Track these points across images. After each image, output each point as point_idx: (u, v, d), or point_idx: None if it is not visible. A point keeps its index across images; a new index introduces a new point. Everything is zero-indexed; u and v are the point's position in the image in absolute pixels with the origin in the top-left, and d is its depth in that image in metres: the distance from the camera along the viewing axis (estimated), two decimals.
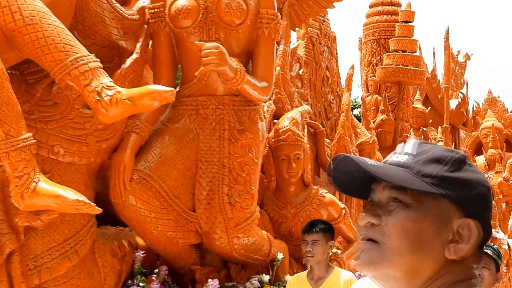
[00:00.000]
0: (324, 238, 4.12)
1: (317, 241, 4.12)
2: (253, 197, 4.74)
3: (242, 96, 4.73)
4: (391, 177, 1.19)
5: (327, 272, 4.01)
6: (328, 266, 4.16)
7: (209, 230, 4.65)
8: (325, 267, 4.08)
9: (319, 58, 8.54)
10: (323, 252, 4.10)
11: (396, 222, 1.21)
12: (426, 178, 1.20)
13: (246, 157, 4.70)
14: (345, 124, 6.75)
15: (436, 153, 1.23)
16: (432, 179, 1.20)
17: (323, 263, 4.08)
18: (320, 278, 4.03)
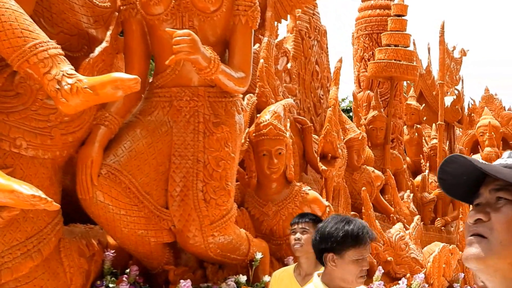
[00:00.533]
0: (314, 228, 3.88)
1: (306, 230, 3.95)
2: (229, 194, 4.51)
3: (217, 87, 4.50)
4: (504, 175, 1.28)
5: (315, 268, 3.76)
6: (317, 262, 3.90)
7: (182, 228, 4.41)
8: (313, 262, 3.83)
9: (309, 52, 8.30)
10: (310, 243, 3.87)
11: (502, 217, 1.30)
12: None
13: (222, 151, 4.46)
14: (332, 119, 6.51)
15: None
16: None
17: (312, 259, 3.82)
18: (308, 274, 3.79)
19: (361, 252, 2.83)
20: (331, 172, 6.46)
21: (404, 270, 7.12)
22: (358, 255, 2.83)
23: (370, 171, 7.55)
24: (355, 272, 2.82)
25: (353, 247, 2.83)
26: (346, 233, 2.85)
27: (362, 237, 2.82)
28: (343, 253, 2.83)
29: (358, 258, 2.83)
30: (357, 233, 2.84)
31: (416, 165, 10.92)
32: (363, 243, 2.83)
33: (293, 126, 7.17)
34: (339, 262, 2.83)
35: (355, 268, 2.82)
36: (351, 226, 2.86)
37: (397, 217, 7.76)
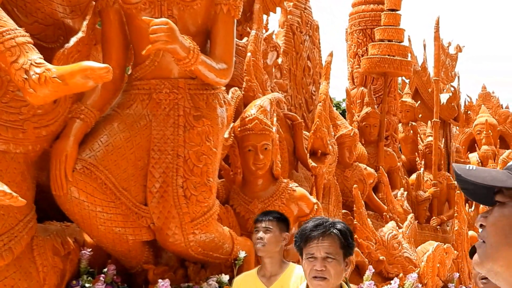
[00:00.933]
0: (277, 227, 3.71)
1: (269, 229, 3.72)
2: (211, 190, 4.34)
3: (198, 79, 4.32)
4: (480, 179, 1.27)
5: (281, 269, 3.58)
6: (282, 262, 3.73)
7: (162, 225, 4.24)
8: (278, 262, 3.65)
9: (300, 48, 8.12)
10: (275, 242, 3.68)
11: (491, 220, 1.30)
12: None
13: (203, 145, 4.29)
14: (322, 115, 6.34)
15: None
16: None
17: (276, 258, 3.65)
18: (273, 275, 3.60)
19: (311, 250, 2.68)
20: (321, 169, 6.29)
21: (397, 269, 6.95)
22: (307, 253, 2.70)
23: (362, 168, 7.38)
24: (307, 271, 2.69)
25: (304, 244, 2.71)
26: (301, 230, 2.75)
27: (309, 234, 2.69)
28: (301, 252, 2.73)
29: (308, 257, 2.70)
30: (307, 229, 2.71)
31: (412, 163, 10.75)
32: (311, 239, 2.69)
33: (283, 122, 7.00)
34: (302, 261, 2.75)
35: (306, 267, 2.70)
36: (309, 223, 2.73)
37: (390, 215, 7.59)
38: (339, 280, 2.73)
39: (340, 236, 2.69)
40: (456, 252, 7.97)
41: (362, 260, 6.50)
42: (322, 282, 2.66)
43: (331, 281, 2.66)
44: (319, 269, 2.66)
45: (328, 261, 2.66)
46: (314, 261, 2.67)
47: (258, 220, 3.79)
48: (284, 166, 6.46)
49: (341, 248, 2.69)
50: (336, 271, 2.67)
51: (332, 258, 2.66)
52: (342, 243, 2.69)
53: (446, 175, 10.43)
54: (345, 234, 2.72)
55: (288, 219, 3.90)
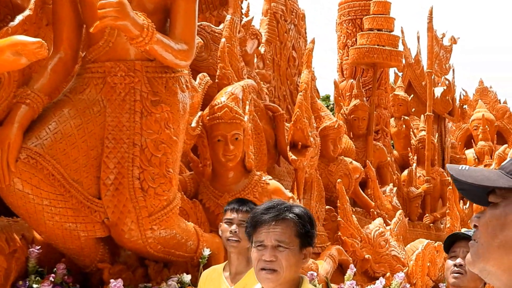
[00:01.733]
0: None
1: (244, 223, 3.24)
2: (170, 182, 3.98)
3: (157, 61, 3.97)
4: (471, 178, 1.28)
5: (247, 267, 3.18)
6: (249, 259, 3.31)
7: (117, 221, 3.89)
8: (245, 260, 3.25)
9: (284, 37, 7.77)
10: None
11: (483, 220, 1.31)
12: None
13: (162, 133, 3.94)
14: (302, 105, 5.97)
15: None
16: None
17: (244, 255, 3.24)
18: (238, 273, 3.19)
19: (260, 236, 2.27)
20: (301, 162, 5.94)
21: (383, 269, 6.59)
22: (256, 240, 2.28)
23: (347, 162, 7.02)
24: (255, 262, 2.26)
25: (253, 230, 2.28)
26: (251, 213, 2.34)
27: (259, 218, 2.26)
28: (251, 239, 2.31)
29: (257, 245, 2.28)
30: (257, 212, 2.29)
31: (404, 159, 10.39)
32: (261, 224, 2.27)
33: (263, 113, 6.66)
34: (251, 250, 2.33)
35: (254, 256, 2.27)
36: (262, 206, 2.34)
37: (377, 212, 7.23)
38: (294, 274, 2.29)
39: (296, 222, 2.25)
40: None
41: (345, 258, 6.14)
42: (271, 275, 2.23)
43: (282, 274, 2.23)
44: (268, 259, 2.23)
45: (280, 250, 2.23)
46: (263, 250, 2.24)
47: (232, 210, 3.29)
48: (261, 159, 6.11)
49: (297, 236, 2.25)
50: (289, 263, 2.23)
51: (285, 247, 2.23)
52: (299, 230, 2.25)
53: (440, 171, 10.07)
54: (303, 219, 2.27)
55: None
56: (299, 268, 2.31)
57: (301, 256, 2.29)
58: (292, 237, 2.25)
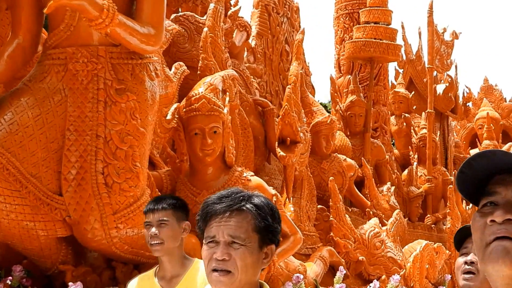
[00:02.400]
0: (174, 217, 2.92)
1: (165, 222, 2.90)
2: (138, 177, 3.69)
3: (123, 46, 3.68)
4: None
5: (183, 268, 2.85)
6: (185, 259, 2.98)
7: (79, 219, 3.61)
8: (179, 260, 2.92)
9: (276, 30, 7.47)
10: (174, 236, 2.90)
11: None
12: None
13: (128, 124, 3.65)
14: (291, 98, 5.67)
15: None
16: None
17: (177, 256, 2.91)
18: (174, 277, 2.85)
19: (211, 231, 1.92)
20: (290, 159, 5.63)
21: (379, 271, 6.26)
22: (208, 235, 1.93)
23: (341, 159, 6.70)
24: (205, 261, 1.88)
25: (204, 223, 1.88)
26: (203, 203, 1.93)
27: (210, 209, 1.88)
28: (203, 234, 1.90)
29: (208, 241, 1.92)
30: (209, 202, 1.91)
31: (405, 158, 10.04)
32: (212, 216, 1.91)
33: (252, 108, 6.36)
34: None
35: (204, 255, 1.88)
36: (215, 195, 1.98)
37: (373, 211, 6.90)
38: (252, 277, 1.90)
39: (255, 214, 1.87)
40: (448, 252, 7.26)
41: (337, 260, 5.82)
42: (223, 278, 1.86)
43: (236, 276, 1.85)
44: (219, 257, 1.85)
45: (234, 247, 1.85)
46: (214, 247, 1.87)
47: (148, 212, 2.93)
48: (248, 156, 5.82)
49: (255, 231, 1.87)
50: (245, 262, 1.86)
51: (240, 243, 1.85)
52: (258, 224, 1.87)
53: (442, 170, 9.71)
54: (263, 211, 1.89)
55: (186, 203, 3.12)
56: (258, 270, 1.91)
57: (260, 255, 1.89)
58: (250, 232, 1.86)
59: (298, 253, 5.76)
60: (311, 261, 5.60)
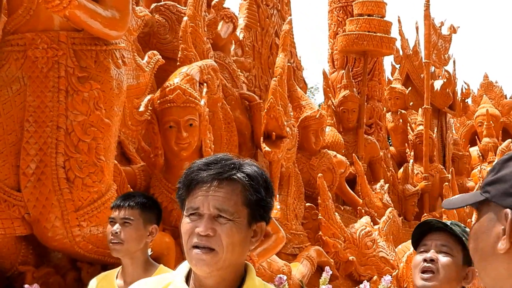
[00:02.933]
0: (141, 217, 2.69)
1: (129, 221, 2.66)
2: (102, 171, 3.45)
3: (86, 32, 3.44)
4: (449, 204, 1.38)
5: (146, 273, 2.62)
6: (148, 263, 2.75)
7: (39, 216, 3.36)
8: (142, 265, 2.71)
9: (266, 22, 7.22)
10: (138, 239, 2.67)
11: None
12: (480, 190, 1.32)
13: (92, 115, 3.41)
14: (277, 91, 5.42)
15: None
16: (481, 188, 1.31)
17: (140, 259, 2.69)
18: (135, 281, 2.63)
19: (195, 201, 1.63)
20: (276, 155, 5.38)
21: (370, 271, 6.02)
22: (190, 206, 1.61)
23: (331, 155, 6.44)
24: (184, 236, 1.61)
25: (187, 192, 1.64)
26: (186, 170, 1.67)
27: (195, 175, 1.62)
28: (183, 205, 1.65)
29: (190, 213, 1.64)
30: (194, 168, 1.64)
31: (402, 155, 9.78)
32: (198, 184, 1.61)
33: (238, 103, 6.12)
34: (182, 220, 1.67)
35: (184, 229, 1.61)
36: (199, 160, 1.69)
37: (365, 210, 6.65)
38: (238, 257, 1.63)
39: (246, 185, 1.62)
40: None
41: (326, 260, 5.57)
42: (206, 256, 1.59)
43: (221, 255, 1.59)
44: (203, 233, 1.59)
45: (220, 222, 1.60)
46: (197, 221, 1.61)
47: (115, 207, 2.73)
48: (232, 151, 5.56)
49: (245, 204, 1.61)
50: (232, 240, 1.60)
51: (227, 218, 1.60)
52: (249, 196, 1.62)
53: (439, 168, 9.45)
54: (256, 182, 1.63)
55: (159, 204, 2.90)
56: (245, 250, 1.65)
57: (249, 233, 1.63)
58: (239, 205, 1.61)
59: (284, 252, 5.52)
60: (297, 261, 5.35)
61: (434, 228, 2.31)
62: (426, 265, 2.24)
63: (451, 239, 2.28)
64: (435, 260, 2.24)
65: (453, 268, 2.24)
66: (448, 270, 2.23)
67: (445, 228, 2.28)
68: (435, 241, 2.28)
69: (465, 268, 2.28)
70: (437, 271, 2.23)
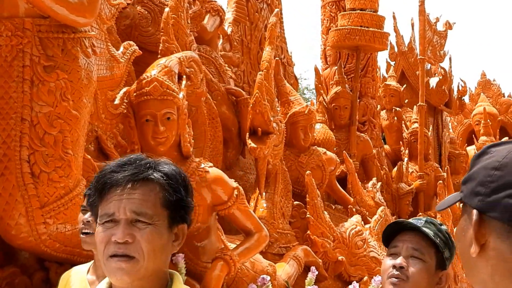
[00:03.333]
0: None
1: None
2: (70, 166, 3.27)
3: (53, 19, 3.26)
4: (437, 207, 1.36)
5: None
6: None
7: (2, 213, 3.19)
8: None
9: (255, 17, 7.04)
10: None
11: None
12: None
13: (58, 106, 3.24)
14: (263, 85, 5.24)
15: None
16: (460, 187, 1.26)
17: None
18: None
19: (109, 207, 1.49)
20: (262, 151, 5.20)
21: (360, 272, 5.83)
22: (103, 212, 1.50)
23: (320, 152, 6.26)
24: (100, 246, 1.50)
25: (100, 196, 1.53)
26: (99, 172, 1.59)
27: (108, 178, 1.52)
28: (97, 211, 1.56)
29: (105, 220, 1.51)
30: (107, 170, 1.54)
31: (397, 154, 9.59)
32: (111, 188, 1.50)
33: (225, 98, 5.95)
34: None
35: (99, 238, 1.50)
36: (112, 162, 1.58)
37: (357, 208, 6.46)
38: (161, 264, 1.53)
39: (164, 184, 1.53)
40: None
41: (314, 260, 5.38)
42: (126, 264, 1.47)
43: (142, 263, 1.48)
44: (120, 240, 1.48)
45: (139, 227, 1.49)
46: (113, 228, 1.50)
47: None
48: (216, 147, 5.40)
49: (165, 206, 1.52)
50: (152, 246, 1.49)
51: (146, 222, 1.49)
52: (168, 197, 1.53)
53: (435, 166, 9.26)
54: (174, 181, 1.54)
55: None
56: (167, 256, 1.55)
57: (170, 237, 1.54)
58: (158, 207, 1.51)
59: (270, 252, 5.35)
60: (283, 261, 5.16)
61: (406, 228, 2.16)
62: (395, 272, 2.11)
63: (424, 241, 2.12)
64: (405, 267, 2.10)
65: (424, 275, 2.10)
66: (419, 278, 2.09)
67: (417, 228, 2.13)
68: (407, 243, 2.13)
69: (438, 273, 2.13)
70: (407, 279, 2.10)
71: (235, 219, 4.27)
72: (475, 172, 1.18)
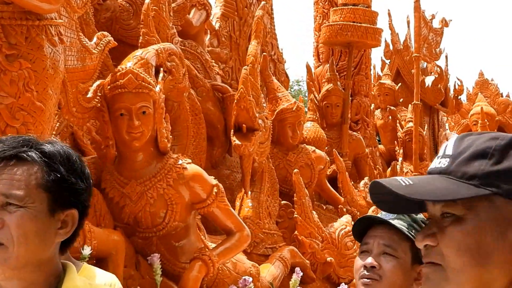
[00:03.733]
0: None
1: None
2: None
3: (16, 5, 3.09)
4: (428, 194, 1.09)
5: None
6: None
7: None
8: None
9: (244, 12, 6.87)
10: None
11: (451, 241, 1.11)
12: (472, 180, 1.08)
13: (21, 97, 3.08)
14: (248, 80, 5.07)
15: (478, 146, 1.09)
16: (479, 179, 1.07)
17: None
18: None
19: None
20: (246, 148, 5.02)
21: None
22: None
23: (309, 150, 6.08)
24: None
25: None
26: None
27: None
28: None
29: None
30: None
31: (392, 154, 9.43)
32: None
33: (210, 94, 5.78)
34: None
35: None
36: None
37: (347, 208, 6.28)
38: (41, 252, 1.38)
39: (41, 164, 1.38)
40: None
41: (301, 261, 5.21)
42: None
43: (12, 250, 1.35)
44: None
45: (9, 210, 1.35)
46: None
47: None
48: (200, 144, 5.24)
49: (42, 187, 1.38)
50: (23, 231, 1.35)
51: (17, 205, 1.36)
52: (46, 177, 1.38)
53: None
54: (55, 160, 1.39)
55: None
56: (48, 243, 1.39)
57: (52, 222, 1.39)
58: (32, 188, 1.37)
59: (256, 253, 5.18)
60: (269, 262, 4.99)
61: (376, 222, 1.99)
62: (366, 273, 1.94)
63: (396, 236, 1.95)
64: (376, 267, 1.92)
65: (398, 272, 1.93)
66: (393, 276, 1.92)
67: (388, 223, 1.95)
68: (377, 239, 1.96)
69: (416, 268, 1.95)
70: (380, 278, 1.93)
71: (215, 218, 4.10)
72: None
